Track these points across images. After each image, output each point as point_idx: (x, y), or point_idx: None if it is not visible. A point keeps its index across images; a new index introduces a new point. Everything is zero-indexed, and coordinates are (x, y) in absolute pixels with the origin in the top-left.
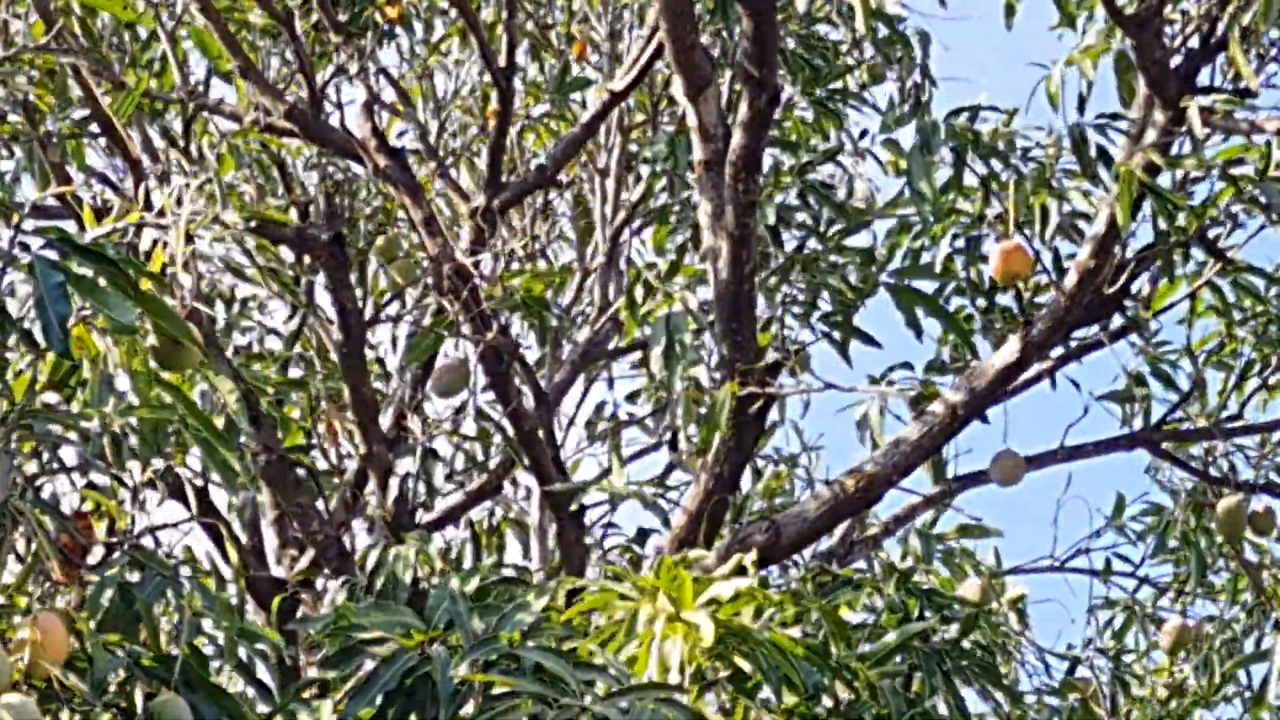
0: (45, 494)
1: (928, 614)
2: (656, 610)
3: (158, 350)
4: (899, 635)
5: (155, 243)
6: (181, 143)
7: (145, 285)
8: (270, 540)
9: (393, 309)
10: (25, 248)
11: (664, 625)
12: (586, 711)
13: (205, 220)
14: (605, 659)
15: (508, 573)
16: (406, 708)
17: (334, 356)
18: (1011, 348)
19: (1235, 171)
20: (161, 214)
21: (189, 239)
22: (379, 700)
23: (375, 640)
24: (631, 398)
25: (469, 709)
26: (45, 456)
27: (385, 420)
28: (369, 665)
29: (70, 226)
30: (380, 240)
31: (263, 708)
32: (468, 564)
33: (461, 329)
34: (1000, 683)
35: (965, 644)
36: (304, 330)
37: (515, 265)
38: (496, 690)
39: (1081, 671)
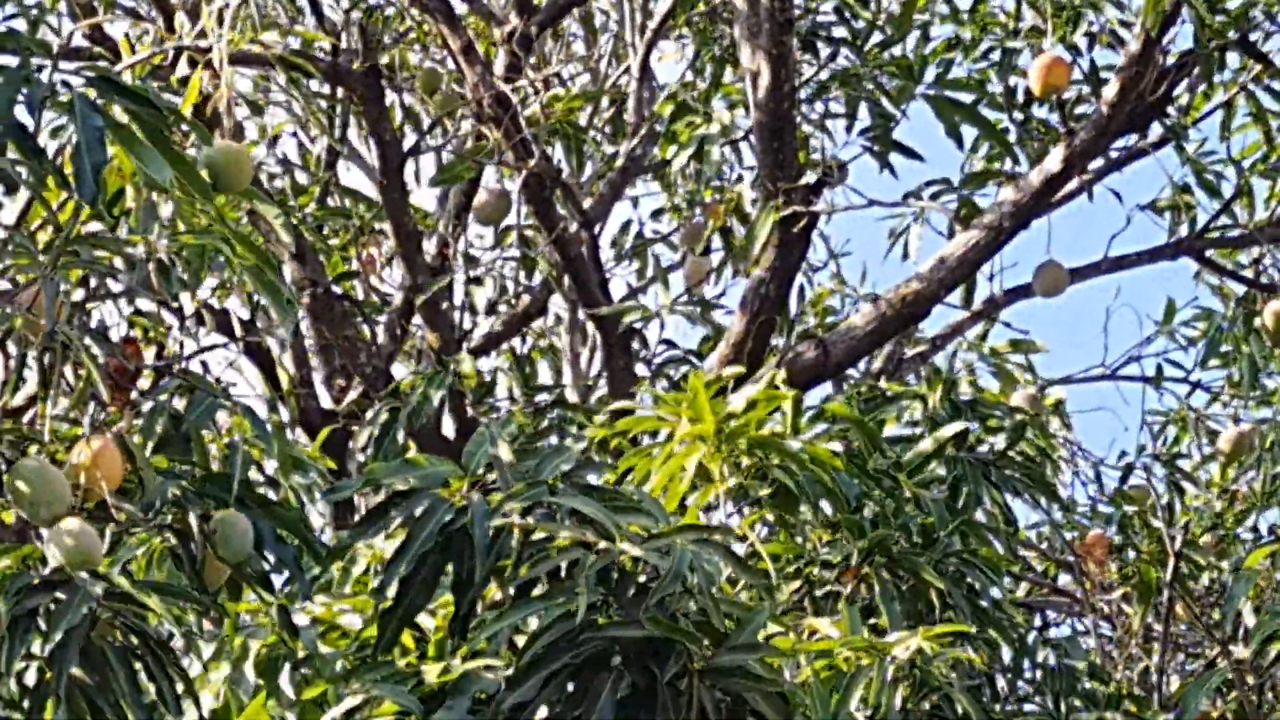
0: (93, 321)
1: (972, 424)
2: (683, 430)
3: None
4: (934, 440)
5: (190, 75)
6: None
7: (179, 131)
8: (318, 373)
9: (430, 140)
10: (66, 85)
11: (689, 444)
12: (626, 555)
13: (245, 39)
14: (644, 498)
15: (541, 397)
16: (442, 560)
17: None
18: (1054, 158)
19: None
20: (202, 35)
21: (208, 70)
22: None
23: (411, 492)
24: (656, 215)
25: (512, 557)
26: (93, 283)
27: (428, 250)
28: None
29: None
30: (422, 72)
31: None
32: (504, 391)
33: (504, 157)
34: (1051, 491)
35: (1013, 454)
36: (336, 164)
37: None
38: (536, 536)
39: (1135, 480)
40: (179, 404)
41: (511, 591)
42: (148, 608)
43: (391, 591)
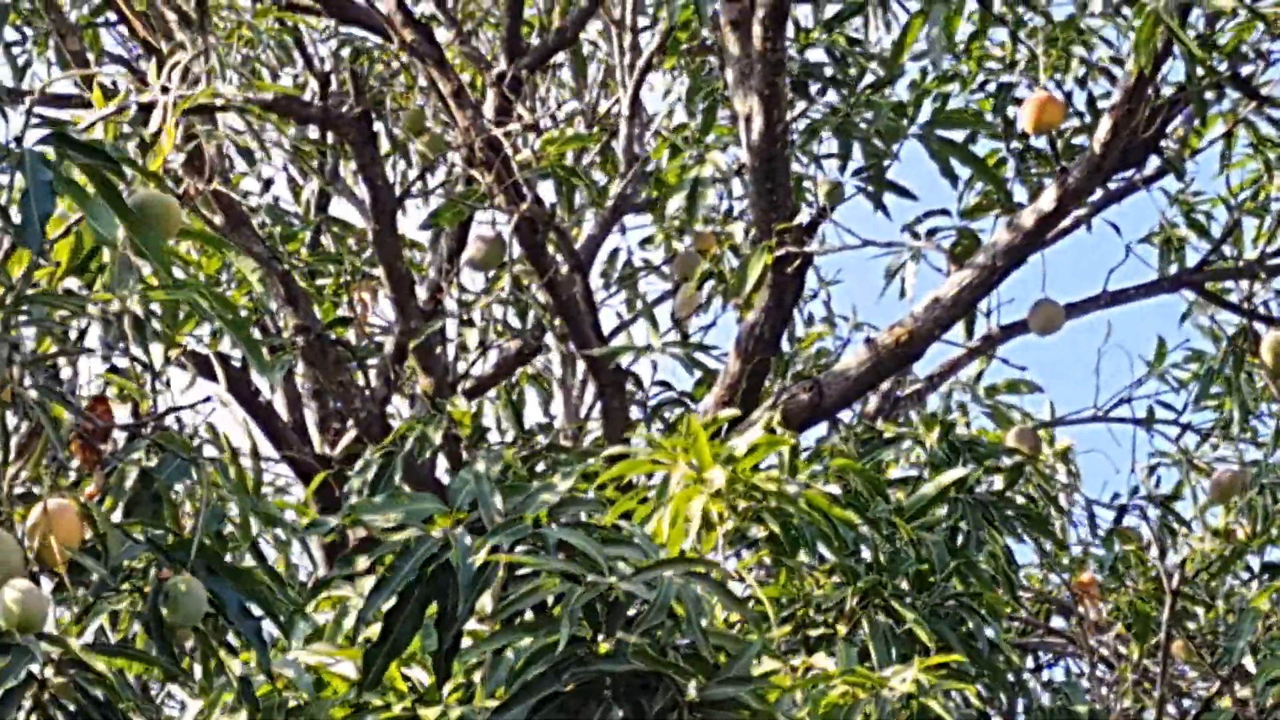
0: (64, 377)
1: (970, 465)
2: (681, 473)
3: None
4: (935, 485)
5: (161, 125)
6: (197, 23)
7: (129, 182)
8: (311, 417)
9: (421, 184)
10: (17, 140)
11: (686, 488)
12: (613, 589)
13: (204, 94)
14: (634, 532)
15: (538, 439)
16: (427, 596)
17: (367, 234)
18: (1049, 196)
19: (1262, 7)
20: (183, 83)
21: (200, 116)
22: (399, 591)
23: (397, 528)
24: (644, 244)
25: (496, 592)
26: (69, 338)
27: (421, 294)
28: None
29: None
30: (407, 114)
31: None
32: (497, 432)
33: (495, 201)
34: (1049, 532)
35: (1011, 494)
36: (327, 209)
37: (543, 131)
38: (522, 571)
39: (1129, 521)
40: (150, 463)
41: (497, 627)
42: (96, 672)
43: (375, 627)
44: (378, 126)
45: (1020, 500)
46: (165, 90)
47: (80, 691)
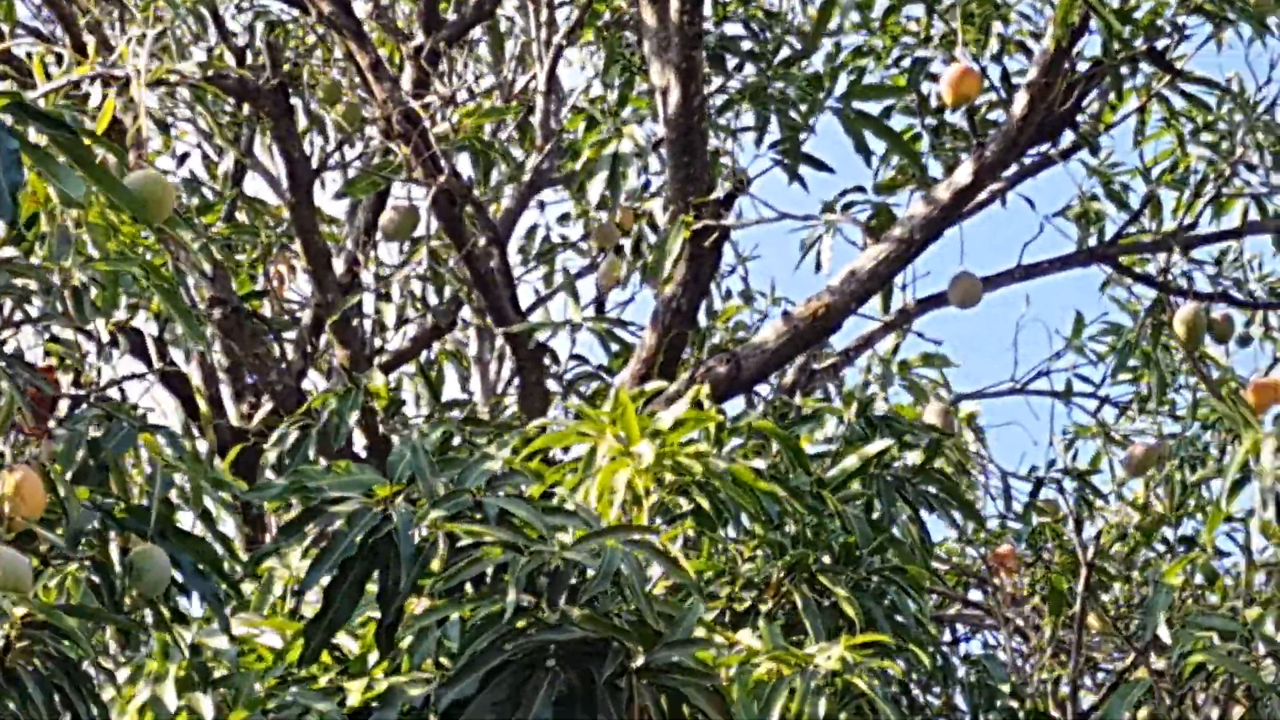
0: (9, 348)
1: (888, 439)
2: (608, 446)
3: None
4: (859, 456)
5: (104, 98)
6: None
7: (97, 153)
8: (227, 390)
9: (339, 156)
10: None
11: (613, 460)
12: (556, 556)
13: (161, 71)
14: (573, 503)
15: (452, 414)
16: (368, 569)
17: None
18: (965, 170)
19: None
20: (115, 66)
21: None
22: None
23: (336, 500)
24: (562, 220)
25: (436, 564)
26: (7, 310)
27: (338, 267)
28: (330, 526)
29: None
30: (324, 85)
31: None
32: (414, 406)
33: (413, 174)
34: (967, 507)
35: (928, 470)
36: (244, 180)
37: (463, 103)
38: (463, 543)
39: (1046, 494)
40: (96, 432)
41: (441, 597)
42: (65, 633)
43: (314, 598)
44: (295, 100)
45: (936, 476)
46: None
47: (44, 655)
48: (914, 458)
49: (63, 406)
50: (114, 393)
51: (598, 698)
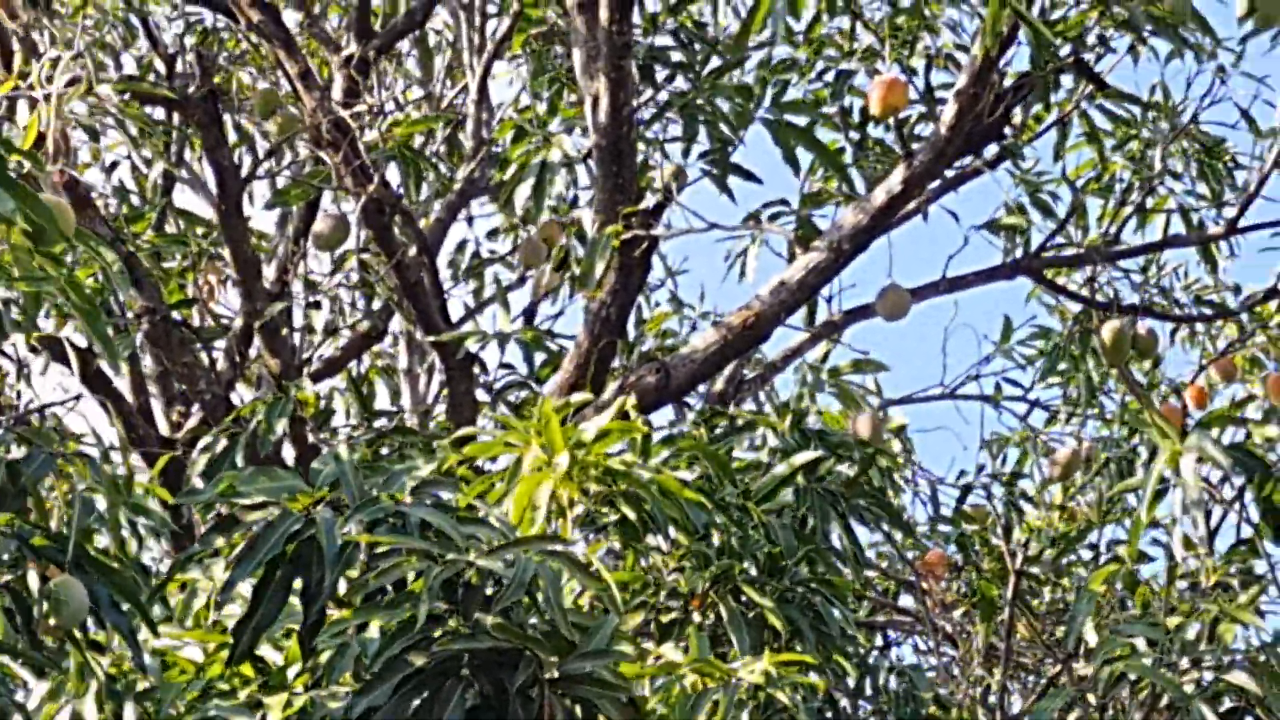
0: None
1: (820, 451)
2: (533, 456)
3: (29, 231)
4: (787, 466)
5: (32, 112)
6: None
7: (16, 165)
8: (156, 400)
9: (269, 166)
10: None
11: (538, 471)
12: (471, 566)
13: (79, 92)
14: (491, 513)
15: (380, 423)
16: (292, 573)
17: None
18: (894, 179)
19: None
20: (34, 86)
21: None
22: (263, 568)
23: (259, 505)
24: (491, 235)
25: (356, 571)
26: None
27: (268, 276)
28: (254, 530)
29: None
30: (259, 94)
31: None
32: (344, 417)
33: (343, 183)
34: (897, 518)
35: (859, 483)
36: (173, 190)
37: (392, 113)
38: (382, 549)
39: (974, 499)
40: (18, 454)
41: (358, 603)
42: None
43: (233, 606)
44: (224, 112)
45: (868, 489)
46: (28, 86)
47: None
48: (846, 470)
49: None
50: (35, 417)
51: (510, 707)
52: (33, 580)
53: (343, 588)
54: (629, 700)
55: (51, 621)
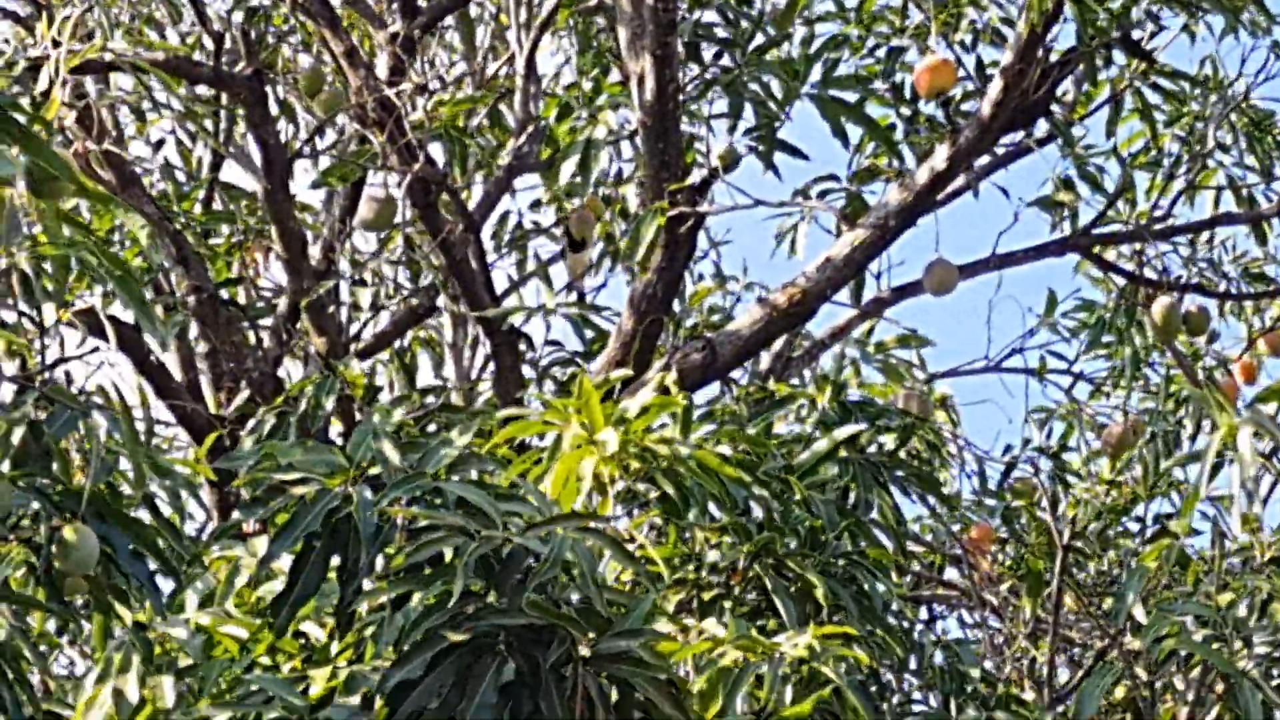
0: None
1: (862, 424)
2: (573, 434)
3: (30, 180)
4: (829, 440)
5: (52, 83)
6: None
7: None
8: (205, 378)
9: (314, 144)
10: None
11: (578, 448)
12: (508, 543)
13: (90, 51)
14: (529, 490)
15: (429, 400)
16: (330, 548)
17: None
18: (940, 156)
19: None
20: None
21: (91, 75)
22: (301, 543)
23: (298, 480)
24: (534, 206)
25: (393, 548)
26: None
27: (314, 254)
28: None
29: None
30: (305, 73)
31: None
32: (393, 391)
33: (388, 161)
34: (939, 490)
35: (902, 453)
36: (220, 168)
37: (436, 91)
38: (419, 525)
39: (1020, 473)
40: (40, 415)
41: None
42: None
43: (273, 582)
44: (270, 89)
45: (911, 461)
46: (56, 44)
47: None
48: (889, 441)
49: (9, 391)
50: (62, 377)
51: (542, 684)
52: (44, 535)
53: (380, 564)
54: (668, 679)
55: (57, 565)
